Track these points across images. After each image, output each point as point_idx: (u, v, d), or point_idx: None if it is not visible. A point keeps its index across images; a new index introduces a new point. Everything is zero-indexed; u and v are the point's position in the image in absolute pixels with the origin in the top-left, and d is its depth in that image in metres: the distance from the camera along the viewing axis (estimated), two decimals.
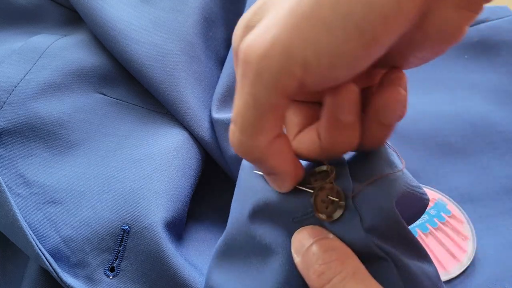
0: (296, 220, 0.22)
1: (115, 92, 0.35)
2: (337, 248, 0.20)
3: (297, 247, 0.21)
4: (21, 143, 0.30)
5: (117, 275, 0.26)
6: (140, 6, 0.37)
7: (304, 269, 0.20)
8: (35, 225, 0.27)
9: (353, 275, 0.19)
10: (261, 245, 0.23)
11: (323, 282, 0.19)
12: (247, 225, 0.23)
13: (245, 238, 0.23)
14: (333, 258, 0.20)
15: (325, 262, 0.20)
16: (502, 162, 0.39)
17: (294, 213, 0.22)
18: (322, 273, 0.19)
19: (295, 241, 0.22)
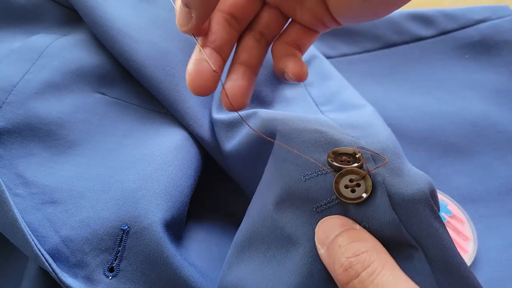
0: (319, 209, 0.22)
1: (115, 92, 0.35)
2: (365, 240, 0.20)
3: (321, 238, 0.21)
4: (20, 143, 0.30)
5: (117, 275, 0.26)
6: (140, 5, 0.37)
7: (330, 262, 0.20)
8: (34, 225, 0.27)
9: (382, 269, 0.18)
10: (283, 236, 0.22)
11: (351, 277, 0.18)
12: (271, 215, 0.23)
13: (268, 229, 0.23)
14: (361, 251, 0.19)
15: (353, 255, 0.19)
16: (503, 162, 0.38)
17: (318, 201, 0.22)
18: (349, 267, 0.18)
19: (319, 231, 0.21)
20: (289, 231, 0.22)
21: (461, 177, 0.38)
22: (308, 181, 0.22)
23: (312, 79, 0.38)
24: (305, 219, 0.22)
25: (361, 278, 0.18)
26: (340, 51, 0.45)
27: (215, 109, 0.33)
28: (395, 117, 0.41)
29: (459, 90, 0.44)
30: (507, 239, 0.35)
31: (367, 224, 0.20)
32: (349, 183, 0.21)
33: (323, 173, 0.22)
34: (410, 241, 0.20)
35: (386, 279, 0.18)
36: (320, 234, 0.21)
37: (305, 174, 0.23)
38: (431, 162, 0.39)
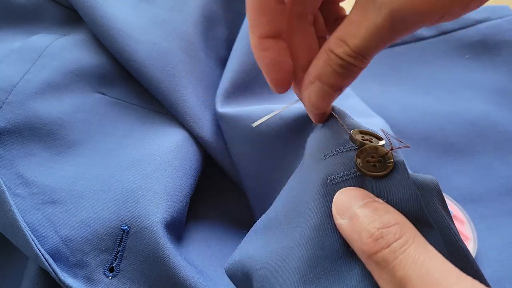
0: (334, 181, 0.22)
1: (115, 92, 0.35)
2: (393, 212, 0.19)
3: (341, 209, 0.20)
4: (20, 143, 0.30)
5: (117, 275, 0.26)
6: (140, 5, 0.37)
7: (353, 231, 0.19)
8: (34, 225, 0.27)
9: (414, 241, 0.18)
10: (294, 209, 0.22)
11: (381, 247, 0.18)
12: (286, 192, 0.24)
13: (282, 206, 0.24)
14: (391, 223, 0.19)
15: (384, 226, 0.18)
16: (503, 162, 0.38)
17: (334, 174, 0.22)
18: (380, 237, 0.18)
19: (339, 201, 0.21)
20: (300, 204, 0.22)
21: (461, 177, 0.38)
22: (328, 159, 0.23)
23: None
24: (318, 190, 0.22)
25: (393, 248, 0.18)
26: None
27: (219, 104, 0.33)
28: (395, 117, 0.41)
29: (459, 90, 0.44)
30: (507, 239, 0.35)
31: (385, 199, 0.21)
32: (370, 159, 0.22)
33: (343, 151, 0.23)
34: (429, 220, 0.20)
35: (418, 251, 0.18)
36: (339, 204, 0.21)
37: (325, 153, 0.23)
38: (431, 162, 0.39)
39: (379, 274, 0.18)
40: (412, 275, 0.17)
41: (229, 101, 0.34)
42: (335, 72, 0.21)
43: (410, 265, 0.17)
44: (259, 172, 0.30)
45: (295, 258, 0.21)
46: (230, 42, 0.39)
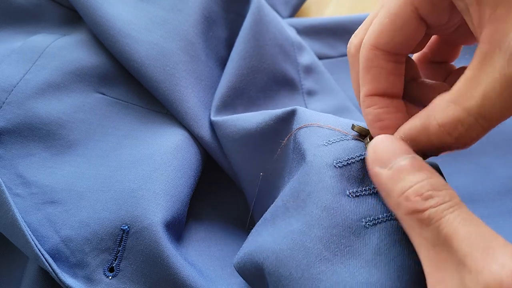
0: (339, 164, 0.23)
1: (115, 92, 0.35)
2: (440, 178, 0.19)
3: (383, 157, 0.20)
4: (20, 143, 0.30)
5: (117, 275, 0.26)
6: (140, 5, 0.37)
7: (396, 185, 0.19)
8: (34, 225, 0.27)
9: (461, 206, 0.18)
10: (300, 193, 0.23)
11: (430, 205, 0.18)
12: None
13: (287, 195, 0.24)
14: (441, 187, 0.18)
15: (434, 189, 0.18)
16: (503, 162, 0.38)
17: (340, 157, 0.23)
18: (430, 197, 0.18)
19: (380, 148, 0.20)
20: (307, 187, 0.23)
21: (461, 177, 0.38)
22: (330, 145, 0.24)
23: (314, 88, 0.38)
24: (325, 172, 0.22)
25: (441, 208, 0.18)
26: (340, 51, 0.45)
27: (214, 112, 0.33)
28: None
29: None
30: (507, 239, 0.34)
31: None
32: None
33: (345, 139, 0.24)
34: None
35: (465, 214, 0.18)
36: (381, 152, 0.20)
37: (328, 140, 0.24)
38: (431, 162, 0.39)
39: (419, 232, 0.18)
40: (459, 233, 0.17)
41: (225, 107, 0.34)
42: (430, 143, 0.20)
43: (458, 223, 0.17)
44: (254, 176, 0.30)
45: (308, 238, 0.21)
46: (230, 42, 0.39)
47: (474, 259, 0.16)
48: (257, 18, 0.36)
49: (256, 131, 0.29)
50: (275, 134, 0.28)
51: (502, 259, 0.16)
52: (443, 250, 0.17)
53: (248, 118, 0.30)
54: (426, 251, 0.18)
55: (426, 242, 0.18)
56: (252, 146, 0.30)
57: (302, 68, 0.38)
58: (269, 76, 0.36)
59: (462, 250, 0.17)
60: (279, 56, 0.36)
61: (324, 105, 0.37)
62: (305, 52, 0.39)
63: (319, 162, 0.23)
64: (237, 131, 0.30)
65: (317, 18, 0.45)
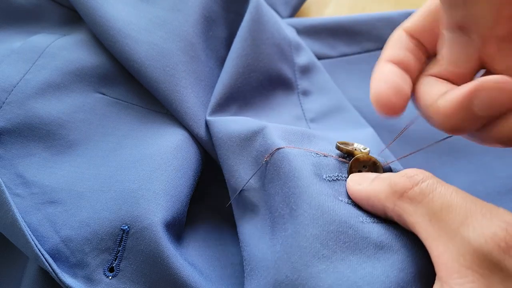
0: (329, 178, 0.23)
1: (115, 92, 0.35)
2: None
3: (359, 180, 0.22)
4: (20, 143, 0.30)
5: (117, 275, 0.26)
6: (140, 5, 0.37)
7: (379, 185, 0.21)
8: (34, 226, 0.27)
9: (445, 183, 0.19)
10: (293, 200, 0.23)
11: (417, 181, 0.19)
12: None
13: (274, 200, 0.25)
14: (424, 172, 0.20)
15: (417, 173, 0.20)
16: (503, 162, 0.38)
17: (329, 172, 0.24)
18: (415, 174, 0.19)
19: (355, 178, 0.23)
20: (298, 193, 0.23)
21: (461, 177, 0.38)
22: (317, 158, 0.24)
23: (309, 88, 0.38)
24: (315, 179, 0.23)
25: (430, 182, 0.19)
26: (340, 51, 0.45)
27: (209, 111, 0.33)
28: None
29: None
30: None
31: None
32: (362, 169, 0.24)
33: (329, 157, 0.25)
34: None
35: (451, 187, 0.19)
36: (356, 178, 0.22)
37: (315, 153, 0.25)
38: (431, 162, 0.39)
39: (413, 210, 0.19)
40: (453, 201, 0.18)
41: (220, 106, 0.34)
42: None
43: (450, 194, 0.18)
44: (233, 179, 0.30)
45: (304, 238, 0.21)
46: (230, 42, 0.39)
47: (474, 219, 0.17)
48: (254, 17, 0.36)
49: (235, 137, 0.29)
50: (248, 145, 0.29)
51: (501, 215, 0.17)
52: (439, 221, 0.18)
53: (234, 121, 0.31)
54: (423, 227, 0.18)
55: (421, 219, 0.18)
56: (230, 150, 0.30)
57: (298, 68, 0.38)
58: (264, 76, 0.36)
59: (462, 213, 0.17)
60: (275, 56, 0.36)
61: (319, 105, 0.37)
62: (302, 52, 0.39)
63: (306, 167, 0.23)
64: (221, 131, 0.31)
65: (317, 18, 0.45)
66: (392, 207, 0.20)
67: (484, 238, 0.16)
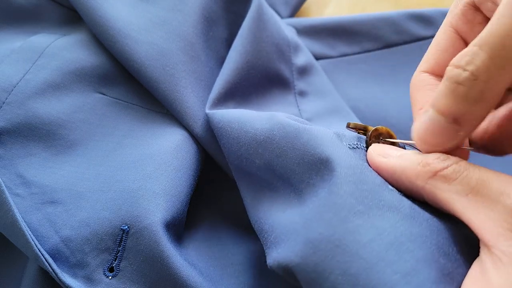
0: (351, 146, 0.24)
1: (115, 92, 0.35)
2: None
3: (382, 152, 0.22)
4: (20, 143, 0.30)
5: (116, 275, 0.26)
6: (140, 5, 0.37)
7: (406, 162, 0.21)
8: (34, 225, 0.27)
9: (475, 167, 0.19)
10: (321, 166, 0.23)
11: (450, 162, 0.19)
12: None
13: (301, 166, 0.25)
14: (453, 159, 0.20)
15: (446, 157, 0.20)
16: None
17: (350, 140, 0.24)
18: (447, 158, 0.20)
19: (377, 148, 0.23)
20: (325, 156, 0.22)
21: None
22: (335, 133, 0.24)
23: (306, 89, 0.38)
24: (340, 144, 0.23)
25: (462, 163, 0.19)
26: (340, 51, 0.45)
27: (209, 105, 0.33)
28: (395, 117, 0.41)
29: None
30: None
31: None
32: (380, 140, 0.24)
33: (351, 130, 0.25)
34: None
35: (480, 167, 0.19)
36: (379, 150, 0.23)
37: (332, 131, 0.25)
38: None
39: (447, 188, 0.19)
40: (489, 176, 0.18)
41: (219, 100, 0.34)
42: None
43: (484, 171, 0.19)
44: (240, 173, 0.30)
45: (338, 196, 0.20)
46: (230, 42, 0.39)
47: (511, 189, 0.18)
48: (255, 15, 0.36)
49: (233, 120, 0.29)
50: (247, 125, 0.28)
51: None
52: (476, 195, 0.18)
53: (233, 111, 0.31)
54: (459, 203, 0.19)
55: (456, 195, 0.19)
56: (230, 134, 0.29)
57: (296, 69, 0.38)
58: (263, 74, 0.36)
59: (499, 185, 0.18)
60: (274, 55, 0.36)
61: (316, 106, 0.36)
62: (301, 53, 0.39)
63: (328, 134, 0.23)
64: (221, 120, 0.30)
65: (317, 18, 0.45)
66: (422, 185, 0.20)
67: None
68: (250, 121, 0.28)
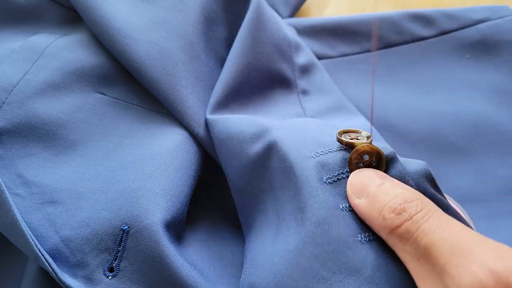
0: (330, 180, 0.23)
1: (115, 92, 0.35)
2: (413, 190, 0.20)
3: (358, 188, 0.21)
4: (20, 143, 0.30)
5: (116, 275, 0.26)
6: (140, 5, 0.37)
7: (373, 209, 0.20)
8: (34, 225, 0.27)
9: (435, 212, 0.18)
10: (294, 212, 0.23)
11: (404, 219, 0.18)
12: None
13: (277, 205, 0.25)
14: (414, 198, 0.19)
15: (406, 201, 0.19)
16: (503, 162, 0.38)
17: (329, 173, 0.23)
18: (403, 211, 0.19)
19: (355, 182, 0.21)
20: (298, 203, 0.22)
21: (461, 177, 0.38)
22: (318, 157, 0.23)
23: (309, 88, 0.38)
24: (316, 188, 0.22)
25: (415, 218, 0.18)
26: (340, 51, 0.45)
27: (210, 110, 0.33)
28: (395, 117, 0.41)
29: (459, 90, 0.44)
30: (507, 239, 0.35)
31: None
32: (363, 160, 0.23)
33: (333, 151, 0.24)
34: (439, 200, 0.21)
35: (440, 219, 0.18)
36: (356, 184, 0.21)
37: (316, 152, 0.24)
38: (431, 162, 0.39)
39: (402, 248, 0.18)
40: (436, 240, 0.17)
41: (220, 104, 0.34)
42: None
43: (434, 231, 0.17)
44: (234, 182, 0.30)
45: (304, 257, 0.21)
46: (230, 42, 0.39)
47: (453, 264, 0.16)
48: (254, 16, 0.36)
49: (234, 137, 0.29)
50: (250, 147, 0.28)
51: (480, 258, 0.16)
52: (426, 262, 0.17)
53: (235, 121, 0.31)
54: (412, 265, 0.18)
55: (410, 257, 0.18)
56: (231, 150, 0.30)
57: (298, 68, 0.38)
58: (264, 75, 0.36)
59: (442, 257, 0.17)
60: (275, 55, 0.36)
61: (319, 104, 0.37)
62: (302, 52, 0.39)
63: (309, 176, 0.23)
64: (222, 132, 0.31)
65: (317, 18, 0.45)
66: (385, 238, 0.20)
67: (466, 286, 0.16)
68: (248, 142, 0.28)
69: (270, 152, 0.26)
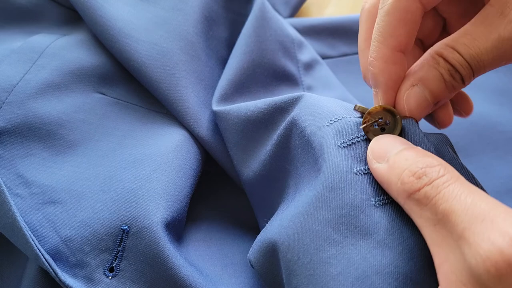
0: (344, 144, 0.23)
1: (115, 92, 0.35)
2: (434, 156, 0.20)
3: (379, 153, 0.21)
4: (20, 143, 0.30)
5: (116, 275, 0.26)
6: (140, 5, 0.37)
7: (392, 173, 0.20)
8: (34, 225, 0.27)
9: (457, 179, 0.18)
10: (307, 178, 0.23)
11: (424, 183, 0.18)
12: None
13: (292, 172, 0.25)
14: (435, 164, 0.19)
15: (427, 166, 0.19)
16: (503, 162, 0.38)
17: (343, 137, 0.23)
18: (423, 174, 0.18)
19: (376, 147, 0.21)
20: (313, 169, 0.22)
21: None
22: (332, 125, 0.24)
23: (314, 84, 0.38)
24: (330, 152, 0.22)
25: (436, 183, 0.18)
26: (340, 51, 0.45)
27: (216, 102, 0.33)
28: None
29: None
30: None
31: None
32: (378, 122, 0.23)
33: (347, 117, 0.24)
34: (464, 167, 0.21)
35: (462, 186, 0.17)
36: (377, 149, 0.21)
37: (330, 120, 0.24)
38: None
39: (419, 213, 0.18)
40: (456, 207, 0.17)
41: (226, 99, 0.34)
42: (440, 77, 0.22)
43: (454, 197, 0.17)
44: (253, 162, 0.30)
45: (316, 221, 0.20)
46: (230, 42, 0.39)
47: (472, 231, 0.16)
48: (258, 14, 0.36)
49: (256, 119, 0.29)
50: (272, 123, 0.28)
51: (502, 227, 0.15)
52: (442, 228, 0.17)
53: (249, 106, 0.30)
54: (428, 231, 0.18)
55: (427, 223, 0.18)
56: (251, 136, 0.29)
57: (302, 65, 0.38)
58: (269, 71, 0.36)
59: (460, 224, 0.16)
60: (279, 52, 0.36)
61: None
62: (305, 49, 0.39)
63: (324, 144, 0.23)
64: (239, 119, 0.30)
65: (317, 18, 0.45)
66: (402, 203, 0.19)
67: (476, 259, 0.15)
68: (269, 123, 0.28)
69: (291, 131, 0.26)
